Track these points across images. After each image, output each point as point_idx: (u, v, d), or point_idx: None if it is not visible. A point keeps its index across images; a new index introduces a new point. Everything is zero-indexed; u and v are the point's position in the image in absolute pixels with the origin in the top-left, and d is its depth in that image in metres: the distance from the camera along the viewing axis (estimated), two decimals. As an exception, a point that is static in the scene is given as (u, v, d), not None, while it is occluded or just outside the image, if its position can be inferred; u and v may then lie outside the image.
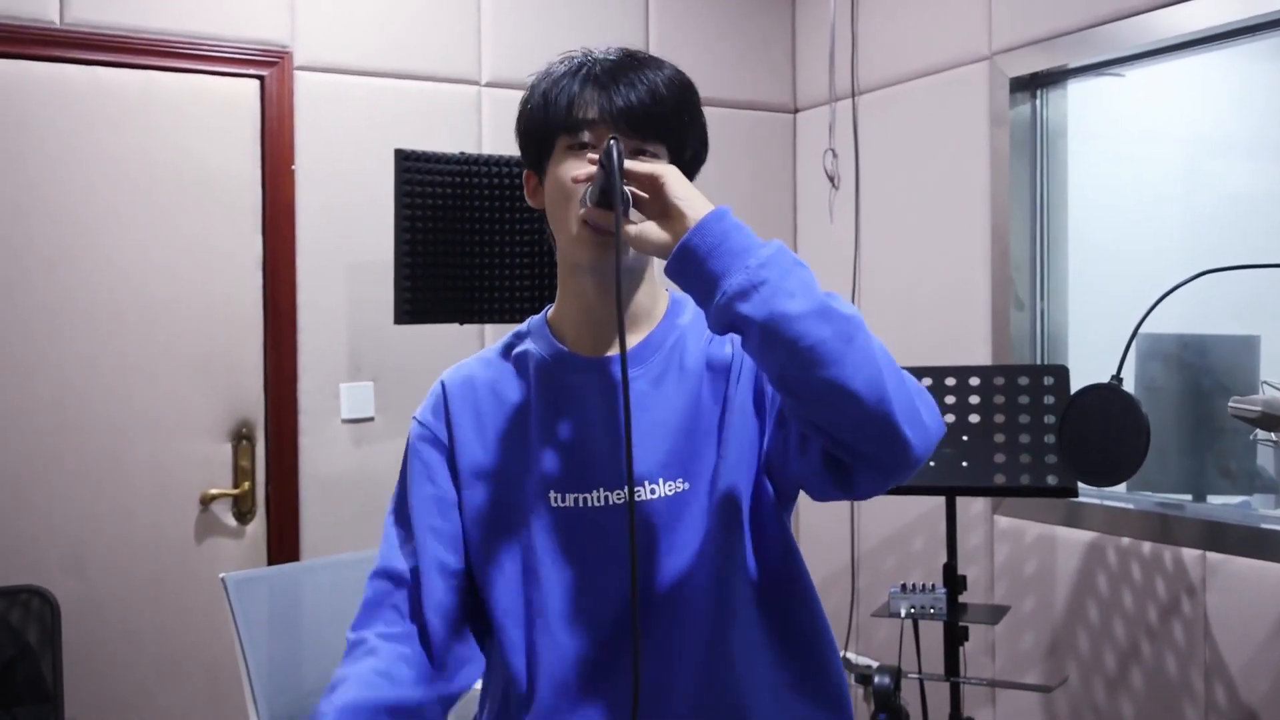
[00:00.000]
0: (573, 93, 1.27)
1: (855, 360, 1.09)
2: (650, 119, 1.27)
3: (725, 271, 1.12)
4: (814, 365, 1.08)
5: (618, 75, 1.28)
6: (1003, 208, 3.04)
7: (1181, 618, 2.58)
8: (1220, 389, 2.76)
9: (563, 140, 1.28)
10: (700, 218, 1.14)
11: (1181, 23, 2.58)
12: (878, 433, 1.11)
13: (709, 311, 1.15)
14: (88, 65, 2.83)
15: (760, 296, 1.10)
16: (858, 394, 1.09)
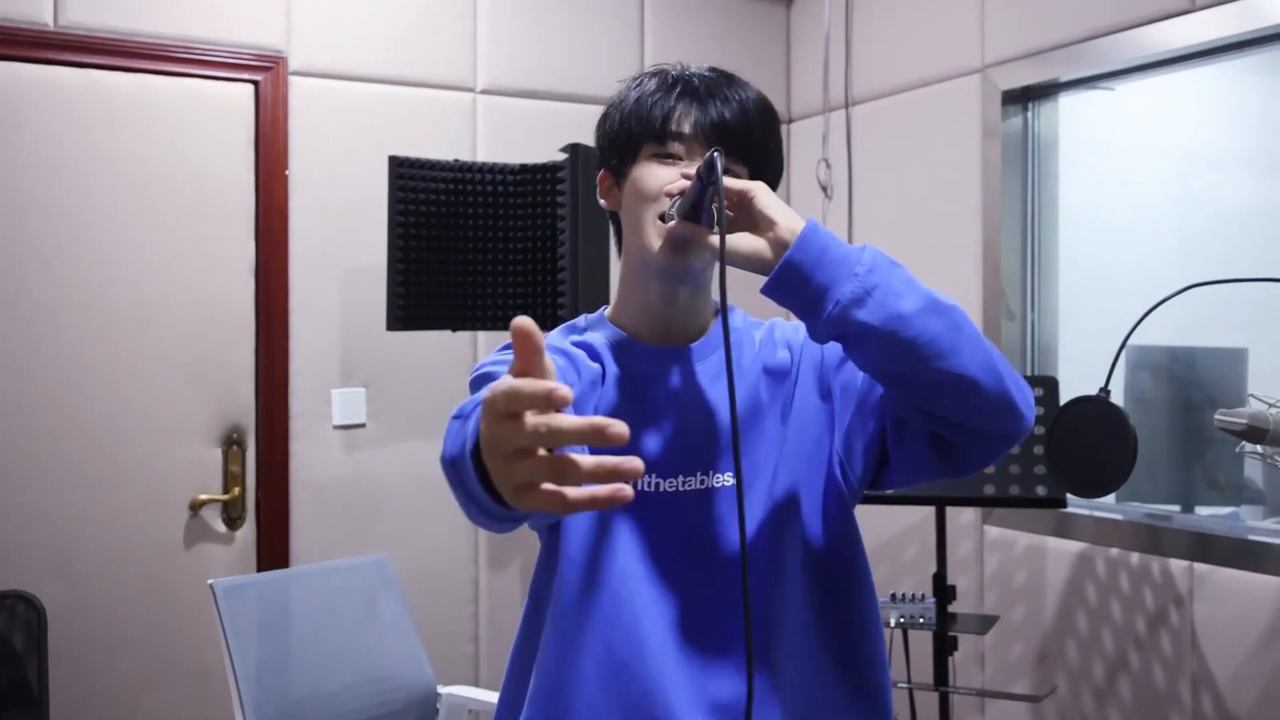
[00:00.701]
0: (668, 105, 1.31)
1: (969, 348, 1.16)
2: (738, 138, 1.31)
3: (833, 282, 1.16)
4: (934, 359, 1.15)
5: (713, 91, 1.32)
6: (994, 220, 3.06)
7: (1169, 628, 2.59)
8: (1208, 401, 2.77)
9: (650, 148, 1.32)
10: (796, 231, 1.18)
11: (1171, 38, 2.60)
12: (996, 410, 1.18)
13: (817, 322, 1.18)
14: (81, 68, 2.83)
15: (875, 301, 1.15)
16: (976, 379, 1.16)
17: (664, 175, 1.30)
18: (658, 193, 1.29)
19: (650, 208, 1.30)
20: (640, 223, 1.31)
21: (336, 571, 2.64)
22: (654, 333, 1.38)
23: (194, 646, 2.92)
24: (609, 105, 1.39)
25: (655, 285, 1.36)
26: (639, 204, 1.31)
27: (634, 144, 1.33)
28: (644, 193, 1.31)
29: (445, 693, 2.60)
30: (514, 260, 2.85)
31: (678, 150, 1.31)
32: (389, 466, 3.18)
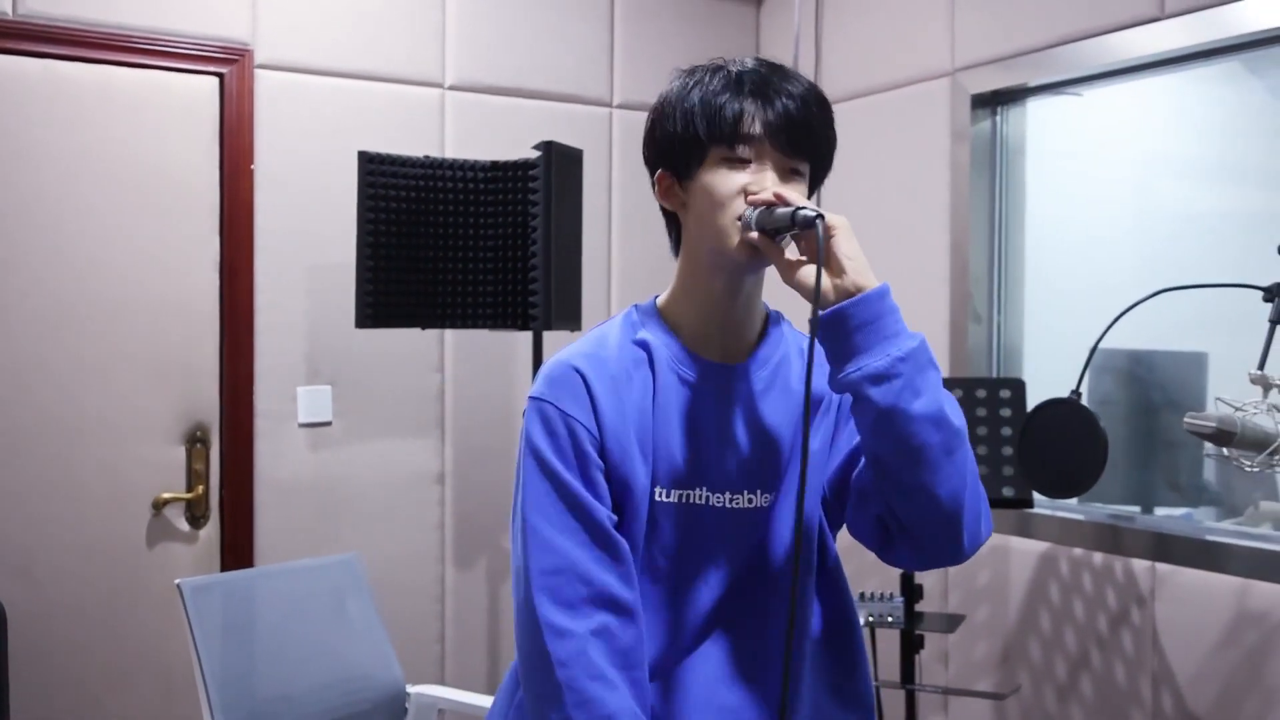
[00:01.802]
0: (736, 107, 1.32)
1: (948, 472, 1.24)
2: (806, 137, 1.34)
3: (867, 349, 1.23)
4: (913, 465, 1.23)
5: (776, 88, 1.34)
6: (962, 222, 3.09)
7: (1131, 627, 2.63)
8: (1169, 404, 2.82)
9: (720, 151, 1.33)
10: (862, 286, 1.25)
11: (1140, 45, 2.63)
12: (940, 533, 1.27)
13: (837, 375, 1.25)
14: (41, 58, 2.77)
15: (890, 387, 1.22)
16: (939, 500, 1.24)
17: (737, 180, 1.32)
18: (733, 197, 1.32)
19: (727, 212, 1.32)
20: (716, 225, 1.33)
21: (305, 571, 2.62)
22: (709, 333, 1.41)
23: (158, 646, 2.88)
24: (665, 102, 1.39)
25: (721, 282, 1.38)
26: (714, 208, 1.33)
27: (702, 147, 1.34)
28: (719, 199, 1.33)
29: (414, 692, 2.59)
30: (485, 258, 2.83)
31: (747, 154, 1.33)
32: (354, 465, 3.15)
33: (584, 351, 1.39)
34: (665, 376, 1.38)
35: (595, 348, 1.40)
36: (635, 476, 1.34)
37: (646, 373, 1.38)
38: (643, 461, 1.35)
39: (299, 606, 2.53)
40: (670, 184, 1.40)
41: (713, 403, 1.39)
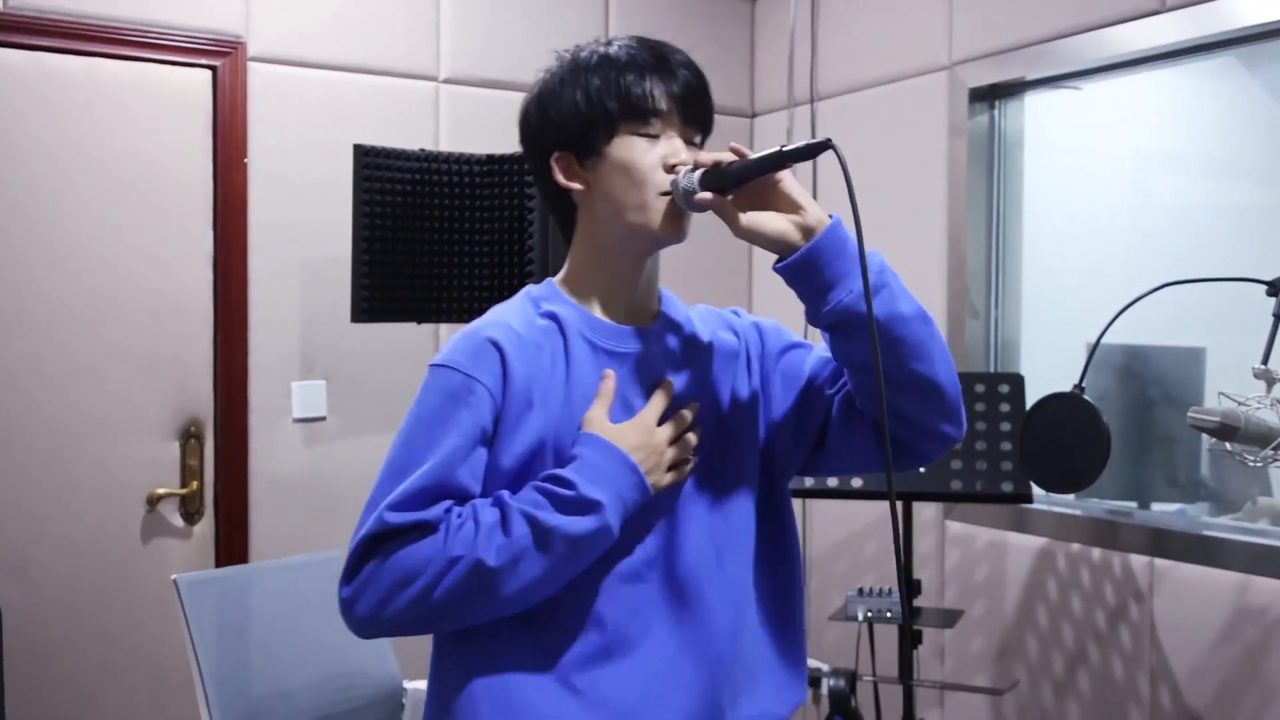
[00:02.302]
0: (644, 83, 1.36)
1: (940, 357, 1.32)
2: (705, 107, 1.40)
3: (847, 272, 1.28)
4: (914, 360, 1.30)
5: (674, 63, 1.39)
6: (959, 217, 3.08)
7: (1129, 623, 2.63)
8: (1167, 399, 2.81)
9: (631, 126, 1.36)
10: (823, 220, 1.29)
11: (1140, 39, 2.62)
12: (950, 415, 1.35)
13: (824, 307, 1.29)
14: (32, 50, 2.75)
15: (883, 298, 1.28)
16: (942, 384, 1.32)
17: (654, 153, 1.35)
18: (654, 169, 1.34)
19: (649, 185, 1.34)
20: (638, 200, 1.35)
21: (301, 566, 2.61)
22: (613, 307, 1.42)
23: (152, 642, 2.87)
24: (555, 85, 1.41)
25: (630, 258, 1.41)
26: (633, 184, 1.35)
27: (611, 124, 1.36)
28: (639, 173, 1.35)
29: (411, 687, 2.58)
30: (481, 252, 2.82)
31: (657, 128, 1.36)
32: (349, 460, 3.14)
33: (492, 321, 1.39)
34: (576, 343, 1.38)
35: (500, 318, 1.39)
36: (548, 439, 1.34)
37: (557, 340, 1.38)
38: (559, 425, 1.35)
39: (295, 602, 2.52)
40: (569, 164, 1.40)
41: (625, 362, 1.40)
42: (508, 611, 1.31)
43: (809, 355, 1.49)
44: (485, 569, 1.26)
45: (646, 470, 1.32)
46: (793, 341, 1.51)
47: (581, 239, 1.43)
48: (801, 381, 1.46)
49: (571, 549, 1.28)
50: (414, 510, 1.29)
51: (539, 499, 1.29)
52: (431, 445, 1.31)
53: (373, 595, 1.29)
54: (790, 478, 1.50)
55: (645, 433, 1.34)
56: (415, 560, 1.27)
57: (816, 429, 1.46)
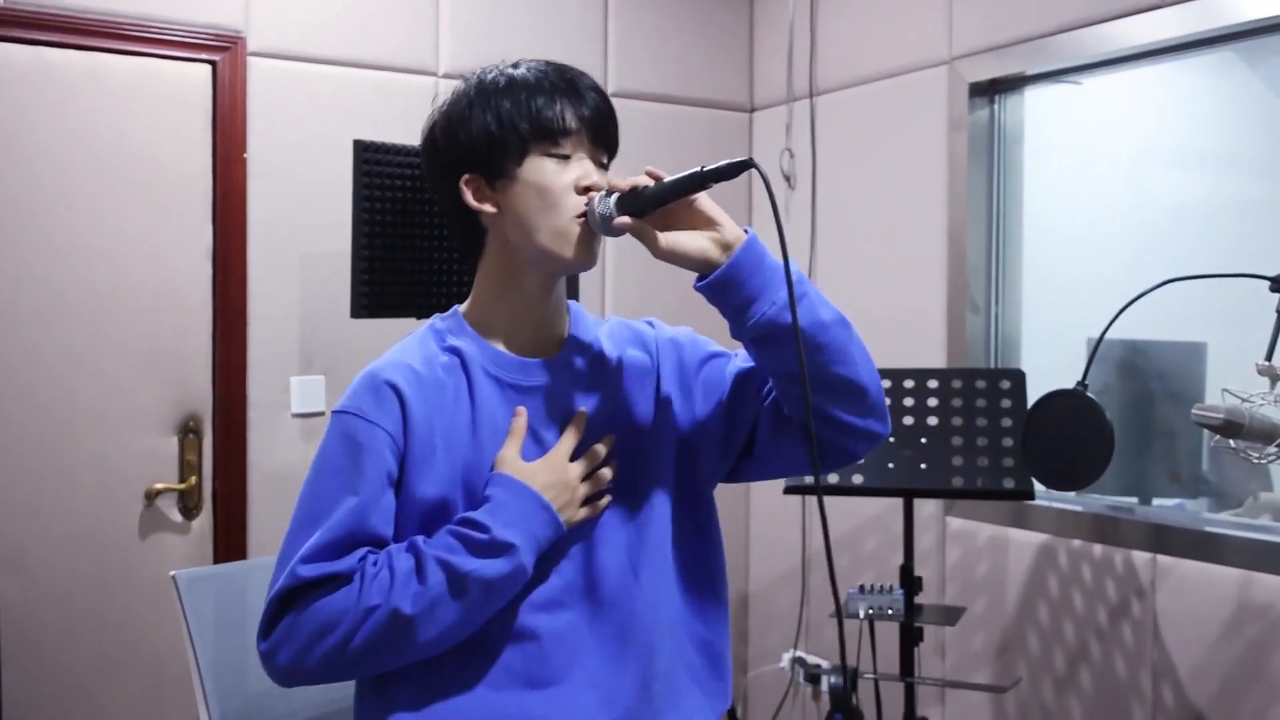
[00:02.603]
0: (555, 105, 1.37)
1: (861, 359, 1.36)
2: (612, 130, 1.42)
3: (767, 284, 1.30)
4: (838, 364, 1.33)
5: (582, 86, 1.40)
6: (959, 211, 3.07)
7: (1131, 619, 2.63)
8: (1168, 394, 2.81)
9: (542, 148, 1.36)
10: (740, 235, 1.31)
11: (1140, 33, 2.62)
12: (875, 412, 1.38)
13: (747, 321, 1.31)
14: (31, 45, 2.74)
15: (804, 307, 1.30)
16: (866, 385, 1.36)
17: (566, 176, 1.36)
18: (566, 192, 1.36)
19: (562, 208, 1.35)
20: (549, 222, 1.36)
21: (299, 563, 2.59)
22: (520, 336, 1.43)
23: (150, 637, 2.86)
24: (463, 108, 1.40)
25: (539, 279, 1.41)
26: (544, 204, 1.36)
27: (523, 145, 1.36)
28: (552, 196, 1.36)
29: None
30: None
31: (568, 150, 1.37)
32: (349, 456, 3.12)
33: (392, 361, 1.39)
34: (480, 380, 1.39)
35: (402, 356, 1.40)
36: (457, 479, 1.35)
37: (460, 377, 1.39)
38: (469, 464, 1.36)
39: (294, 599, 2.50)
40: (479, 186, 1.40)
41: (532, 397, 1.41)
42: (426, 655, 1.32)
43: (729, 364, 1.51)
44: (402, 617, 1.27)
45: (560, 507, 1.34)
46: (712, 351, 1.52)
47: (489, 262, 1.43)
48: (724, 391, 1.47)
49: (486, 592, 1.30)
50: (327, 561, 1.30)
51: (453, 543, 1.30)
52: (339, 494, 1.32)
53: (291, 647, 1.31)
54: (714, 487, 1.52)
55: (558, 470, 1.36)
56: (331, 611, 1.29)
57: (744, 437, 1.47)
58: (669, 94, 3.61)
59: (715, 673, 1.49)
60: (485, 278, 1.44)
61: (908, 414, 2.53)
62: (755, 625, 3.78)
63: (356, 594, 1.28)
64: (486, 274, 1.44)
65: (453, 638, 1.32)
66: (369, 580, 1.29)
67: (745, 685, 3.78)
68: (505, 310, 1.42)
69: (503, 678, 1.35)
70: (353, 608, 1.28)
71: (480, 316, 1.44)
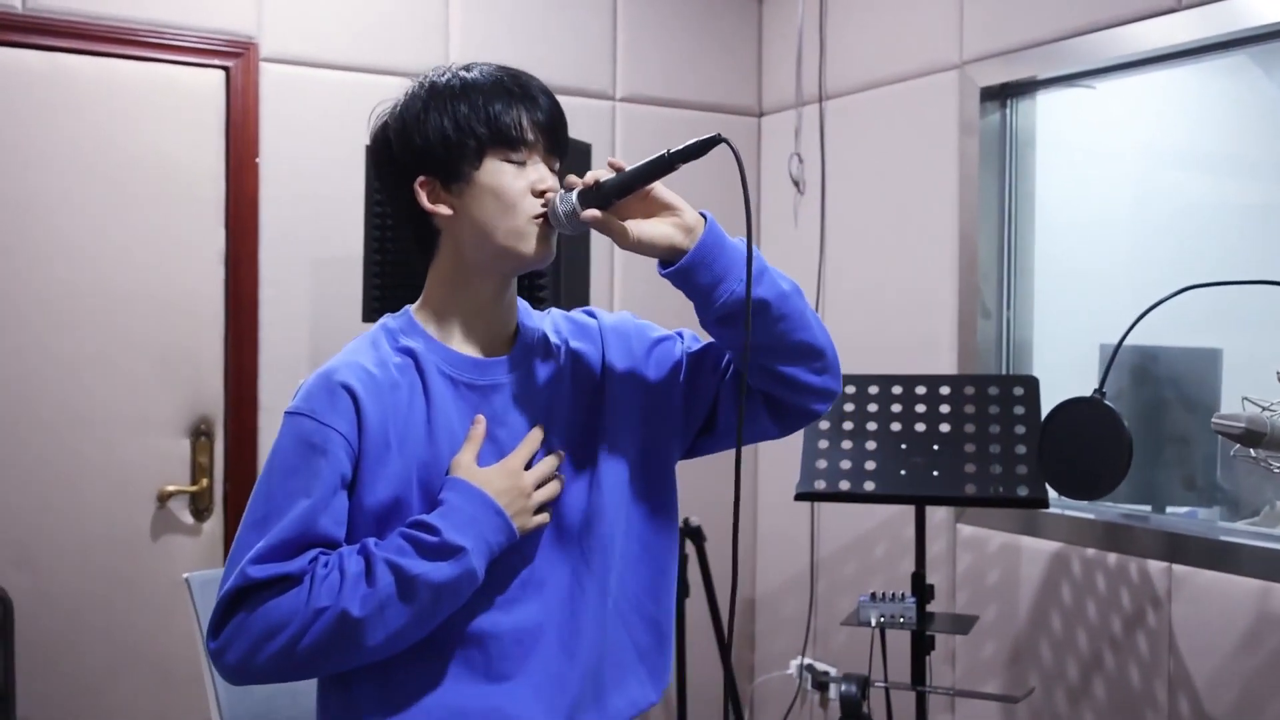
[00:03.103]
0: (512, 111, 1.38)
1: (815, 323, 1.43)
2: (562, 135, 1.44)
3: (730, 264, 1.35)
4: (798, 330, 1.40)
5: (535, 91, 1.42)
6: (971, 216, 3.06)
7: (1146, 629, 2.61)
8: (1181, 401, 2.80)
9: (499, 153, 1.38)
10: (699, 219, 1.35)
11: (1154, 38, 2.60)
12: (830, 370, 1.46)
13: (716, 301, 1.35)
14: (49, 51, 2.75)
15: (768, 280, 1.37)
16: (823, 347, 1.44)
17: (522, 179, 1.38)
18: (523, 196, 1.37)
19: (519, 211, 1.37)
20: (507, 224, 1.37)
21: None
22: (473, 335, 1.44)
23: (160, 639, 2.86)
24: (418, 110, 1.40)
25: (494, 282, 1.43)
26: (504, 210, 1.37)
27: (480, 150, 1.37)
28: (509, 199, 1.37)
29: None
30: (492, 253, 2.81)
31: (523, 156, 1.39)
32: (359, 460, 3.13)
33: (345, 362, 1.39)
34: (434, 379, 1.39)
35: (355, 357, 1.40)
36: (412, 480, 1.36)
37: (414, 378, 1.39)
38: (424, 465, 1.37)
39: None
40: (434, 189, 1.40)
41: (488, 398, 1.42)
42: (375, 659, 1.32)
43: (675, 346, 1.55)
44: (350, 619, 1.27)
45: (513, 514, 1.36)
46: (657, 336, 1.56)
47: (443, 262, 1.44)
48: (679, 373, 1.52)
49: (435, 595, 1.30)
50: (277, 562, 1.30)
51: (404, 545, 1.31)
52: (291, 495, 1.32)
53: (240, 646, 1.31)
54: (674, 464, 1.55)
55: (512, 476, 1.37)
56: (281, 613, 1.29)
57: (704, 415, 1.52)
58: (677, 98, 3.60)
59: (661, 650, 1.52)
60: (438, 278, 1.45)
61: (920, 420, 2.53)
62: (762, 631, 3.77)
63: (306, 595, 1.28)
64: (440, 274, 1.45)
65: (402, 641, 1.32)
66: (319, 582, 1.29)
67: (752, 691, 3.77)
68: (459, 310, 1.44)
69: (464, 672, 1.38)
70: (302, 609, 1.28)
71: (433, 316, 1.45)
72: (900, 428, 2.52)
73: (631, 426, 1.49)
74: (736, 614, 3.74)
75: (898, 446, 2.50)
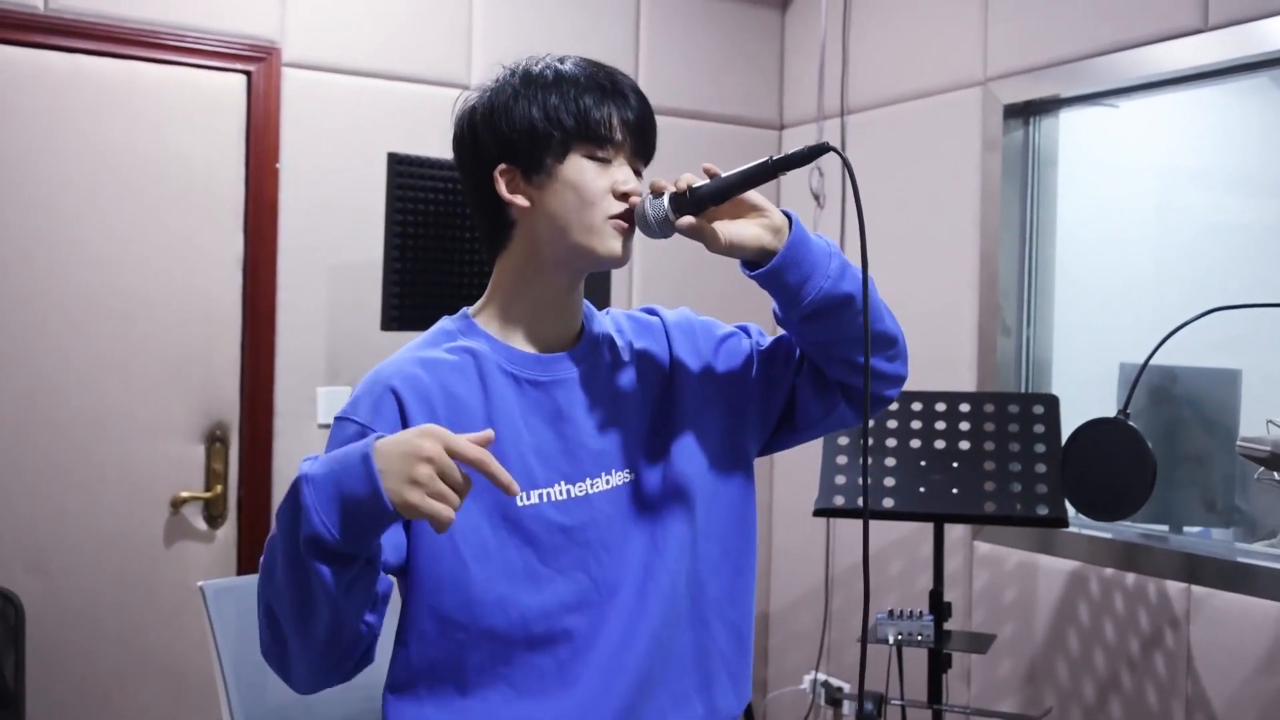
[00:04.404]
0: (603, 107, 1.35)
1: (888, 312, 1.45)
2: (651, 137, 1.41)
3: (819, 261, 1.34)
4: (877, 320, 1.40)
5: (628, 90, 1.38)
6: (992, 233, 3.05)
7: (1164, 650, 2.59)
8: (1200, 421, 2.78)
9: (584, 149, 1.35)
10: (785, 220, 1.34)
11: (1180, 58, 2.59)
12: (900, 356, 1.48)
13: (804, 299, 1.34)
14: (70, 53, 2.75)
15: (851, 273, 1.37)
16: (896, 334, 1.46)
17: (605, 179, 1.35)
18: (604, 195, 1.34)
19: (598, 210, 1.34)
20: (585, 223, 1.34)
21: (324, 576, 2.59)
22: (539, 331, 1.41)
23: (172, 645, 2.85)
24: (503, 98, 1.37)
25: (565, 278, 1.40)
26: (583, 206, 1.34)
27: (565, 145, 1.35)
28: (589, 196, 1.34)
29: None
30: (511, 262, 2.80)
31: (609, 154, 1.36)
32: (374, 467, 3.12)
33: (400, 366, 1.35)
34: (496, 379, 1.36)
35: (412, 360, 1.36)
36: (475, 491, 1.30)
37: (475, 380, 1.36)
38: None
39: (320, 611, 2.50)
40: (513, 179, 1.37)
41: (552, 394, 1.38)
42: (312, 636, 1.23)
43: (742, 342, 1.52)
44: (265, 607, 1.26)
45: (387, 471, 1.13)
46: (724, 333, 1.53)
47: (515, 255, 1.41)
48: (751, 368, 1.50)
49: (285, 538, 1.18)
50: None
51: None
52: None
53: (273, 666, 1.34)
54: (750, 462, 1.51)
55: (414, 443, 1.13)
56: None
57: (779, 411, 1.50)
58: (699, 110, 3.60)
59: (741, 657, 1.48)
60: (508, 270, 1.42)
61: (939, 438, 2.51)
62: (776, 646, 3.76)
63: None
64: (511, 266, 1.41)
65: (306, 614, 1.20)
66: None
67: (765, 706, 3.75)
68: (527, 304, 1.41)
69: (534, 681, 1.34)
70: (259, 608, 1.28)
71: (497, 311, 1.42)
72: (919, 445, 2.50)
73: (704, 423, 1.45)
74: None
75: (917, 464, 2.48)
